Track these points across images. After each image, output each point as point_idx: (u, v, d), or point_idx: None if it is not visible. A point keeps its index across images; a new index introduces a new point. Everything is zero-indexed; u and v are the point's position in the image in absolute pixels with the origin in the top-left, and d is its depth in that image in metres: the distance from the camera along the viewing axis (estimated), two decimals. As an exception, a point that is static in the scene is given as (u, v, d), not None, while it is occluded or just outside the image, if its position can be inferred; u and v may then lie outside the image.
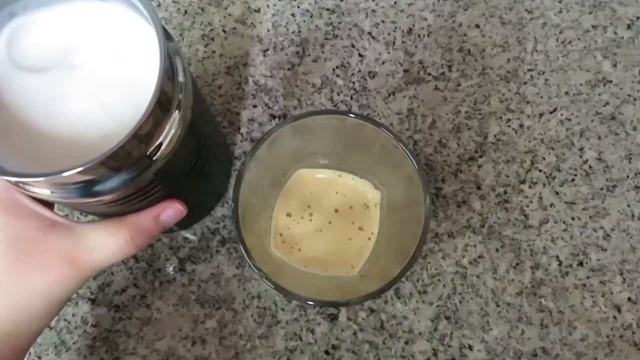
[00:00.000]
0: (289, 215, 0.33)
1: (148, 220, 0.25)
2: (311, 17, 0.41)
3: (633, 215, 0.39)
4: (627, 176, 0.40)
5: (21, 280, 0.23)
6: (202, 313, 0.37)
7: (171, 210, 0.26)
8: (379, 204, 0.33)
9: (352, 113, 0.26)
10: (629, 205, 0.39)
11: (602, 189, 0.39)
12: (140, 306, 0.37)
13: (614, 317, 0.37)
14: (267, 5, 0.42)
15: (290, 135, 0.28)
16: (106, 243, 0.24)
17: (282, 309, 0.37)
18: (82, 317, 0.36)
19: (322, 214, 0.33)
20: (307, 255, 0.32)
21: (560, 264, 0.38)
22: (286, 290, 0.25)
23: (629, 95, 0.41)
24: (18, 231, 0.23)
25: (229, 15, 0.41)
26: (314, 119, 0.29)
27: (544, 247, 0.38)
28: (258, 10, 0.41)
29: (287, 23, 0.41)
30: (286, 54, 0.40)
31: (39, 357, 0.36)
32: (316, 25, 0.41)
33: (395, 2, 0.42)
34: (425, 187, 0.25)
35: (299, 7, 0.41)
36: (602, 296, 0.38)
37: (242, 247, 0.25)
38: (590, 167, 0.40)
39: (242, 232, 0.25)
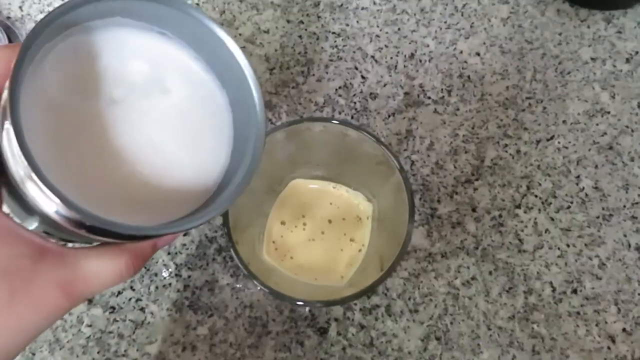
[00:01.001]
0: (283, 223, 0.34)
1: (148, 247, 0.25)
2: (317, 39, 0.43)
3: (629, 245, 0.39)
4: (624, 206, 0.40)
5: (11, 316, 0.20)
6: (195, 319, 0.37)
7: (169, 236, 0.25)
8: (370, 216, 0.34)
9: (336, 120, 0.27)
10: (625, 235, 0.39)
11: (598, 217, 0.39)
12: (135, 309, 0.37)
13: (608, 348, 0.37)
14: (276, 27, 0.44)
15: (285, 142, 0.29)
16: (107, 270, 0.23)
17: (273, 320, 0.37)
18: (77, 317, 0.37)
19: (315, 224, 0.34)
20: (299, 264, 0.33)
21: (554, 290, 0.38)
22: (274, 290, 0.26)
23: (627, 127, 0.41)
24: (7, 260, 0.20)
25: (240, 34, 0.43)
26: (314, 131, 0.30)
27: (537, 273, 0.38)
28: (267, 31, 0.43)
29: (294, 44, 0.43)
30: (291, 73, 0.42)
31: (33, 354, 0.37)
32: (322, 47, 0.43)
33: (398, 29, 0.43)
34: (410, 200, 0.26)
35: (306, 29, 0.43)
36: (596, 325, 0.37)
37: (230, 245, 0.26)
38: (586, 195, 0.40)
39: (232, 231, 0.26)
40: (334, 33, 0.43)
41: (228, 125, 0.24)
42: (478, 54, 0.43)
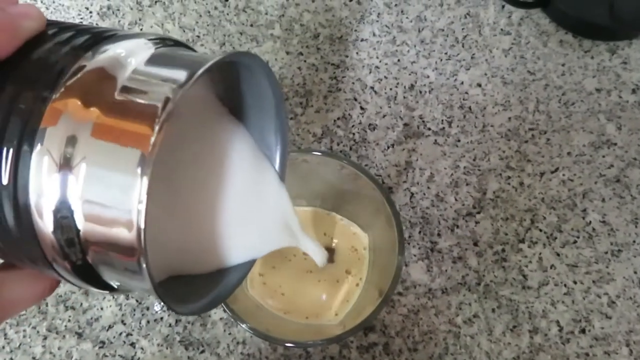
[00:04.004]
0: (273, 255, 0.33)
1: None
2: (316, 70, 0.43)
3: (640, 283, 0.37)
4: (634, 241, 0.38)
5: None
6: (186, 356, 0.36)
7: None
8: (367, 247, 0.33)
9: (318, 151, 0.26)
10: (635, 272, 0.37)
11: (606, 252, 0.38)
12: (125, 344, 0.36)
13: (620, 392, 0.35)
14: (276, 59, 0.44)
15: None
16: (29, 295, 0.20)
17: (267, 357, 0.36)
18: (67, 351, 0.36)
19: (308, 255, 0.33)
20: (289, 299, 0.32)
21: (560, 329, 0.36)
22: (262, 333, 0.25)
23: (635, 159, 0.40)
24: None
25: (239, 66, 0.43)
26: (310, 163, 0.30)
27: (543, 311, 0.36)
28: (267, 63, 0.43)
29: (293, 75, 0.43)
30: (290, 104, 0.42)
31: (20, 390, 0.36)
32: (321, 79, 0.43)
33: (398, 60, 0.43)
34: (399, 230, 0.25)
35: (305, 61, 0.43)
36: (607, 368, 0.35)
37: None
38: (593, 229, 0.38)
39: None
40: (333, 64, 0.43)
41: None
42: (479, 85, 0.42)
